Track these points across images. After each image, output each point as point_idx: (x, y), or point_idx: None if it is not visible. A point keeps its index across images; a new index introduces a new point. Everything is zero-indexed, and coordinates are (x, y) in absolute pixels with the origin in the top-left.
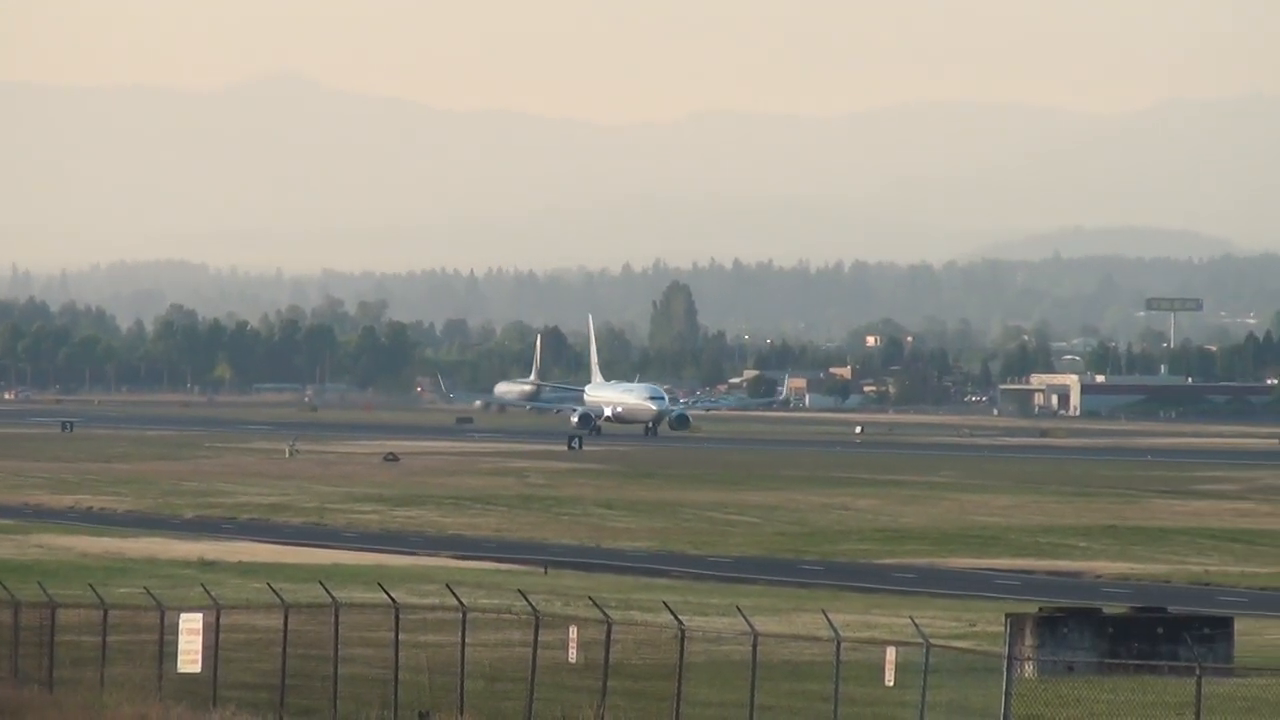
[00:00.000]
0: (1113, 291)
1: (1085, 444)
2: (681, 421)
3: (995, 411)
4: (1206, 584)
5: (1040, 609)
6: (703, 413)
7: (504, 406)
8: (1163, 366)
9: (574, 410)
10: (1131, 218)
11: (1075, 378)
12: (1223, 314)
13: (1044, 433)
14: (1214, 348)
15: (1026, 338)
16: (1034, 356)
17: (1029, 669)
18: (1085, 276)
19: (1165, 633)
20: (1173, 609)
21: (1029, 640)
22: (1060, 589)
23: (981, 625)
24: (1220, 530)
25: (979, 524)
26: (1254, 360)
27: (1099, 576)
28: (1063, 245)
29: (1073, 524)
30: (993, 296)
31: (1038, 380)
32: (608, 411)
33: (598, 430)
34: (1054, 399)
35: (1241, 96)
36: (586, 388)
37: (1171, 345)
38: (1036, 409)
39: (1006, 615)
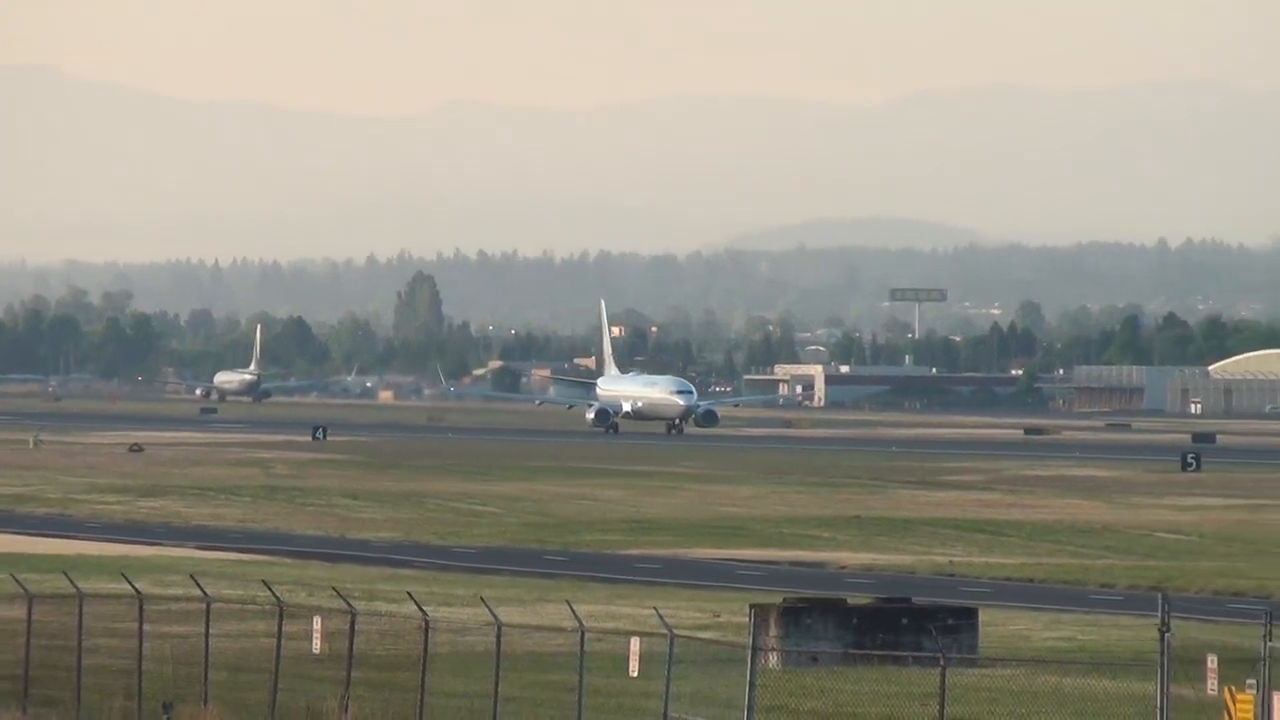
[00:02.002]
0: (857, 282)
1: (830, 434)
2: (709, 418)
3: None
4: (950, 575)
5: (784, 600)
6: (732, 409)
7: (224, 395)
8: (907, 357)
9: (590, 405)
10: (875, 208)
11: (820, 368)
12: (967, 304)
13: (788, 423)
14: (958, 338)
15: (771, 328)
16: (778, 347)
17: (773, 660)
18: (829, 267)
19: (910, 623)
20: (917, 600)
21: (773, 631)
22: (804, 580)
23: (725, 616)
24: (964, 521)
25: (723, 515)
26: (998, 351)
27: (843, 567)
28: (807, 236)
29: (817, 514)
30: (737, 287)
31: (782, 371)
32: (626, 407)
33: (615, 428)
34: (798, 389)
35: (983, 87)
36: (599, 381)
37: (916, 336)
38: (780, 400)
39: (750, 606)
